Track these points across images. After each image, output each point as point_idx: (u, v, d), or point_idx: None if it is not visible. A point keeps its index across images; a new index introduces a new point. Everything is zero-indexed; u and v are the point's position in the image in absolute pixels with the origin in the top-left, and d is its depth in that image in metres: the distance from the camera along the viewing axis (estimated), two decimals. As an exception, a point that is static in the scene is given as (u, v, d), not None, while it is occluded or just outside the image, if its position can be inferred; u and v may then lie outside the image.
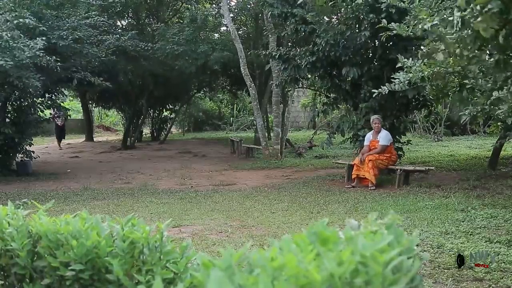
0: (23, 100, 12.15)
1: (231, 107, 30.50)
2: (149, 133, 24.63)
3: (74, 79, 12.08)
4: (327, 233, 1.04)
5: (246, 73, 14.46)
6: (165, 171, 12.53)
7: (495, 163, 9.83)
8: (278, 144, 14.20)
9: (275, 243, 1.06)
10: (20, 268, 1.81)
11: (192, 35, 15.72)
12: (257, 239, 5.04)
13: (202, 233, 5.48)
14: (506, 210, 6.06)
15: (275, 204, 7.36)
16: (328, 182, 9.57)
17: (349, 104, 10.28)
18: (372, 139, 8.92)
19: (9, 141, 11.62)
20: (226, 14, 15.57)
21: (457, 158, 11.98)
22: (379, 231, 1.08)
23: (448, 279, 3.71)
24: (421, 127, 19.09)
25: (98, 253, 1.65)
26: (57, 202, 7.43)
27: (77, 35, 11.51)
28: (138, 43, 15.28)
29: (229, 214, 6.63)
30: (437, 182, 8.59)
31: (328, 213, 6.50)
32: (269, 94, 15.77)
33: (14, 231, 1.83)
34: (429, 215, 5.97)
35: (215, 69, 16.90)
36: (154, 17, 20.28)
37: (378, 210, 6.49)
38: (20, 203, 2.16)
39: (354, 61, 9.22)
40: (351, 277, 0.93)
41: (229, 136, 21.16)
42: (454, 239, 4.80)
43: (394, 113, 9.58)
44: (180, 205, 7.58)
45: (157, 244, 1.68)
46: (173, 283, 1.62)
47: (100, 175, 11.91)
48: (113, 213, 6.47)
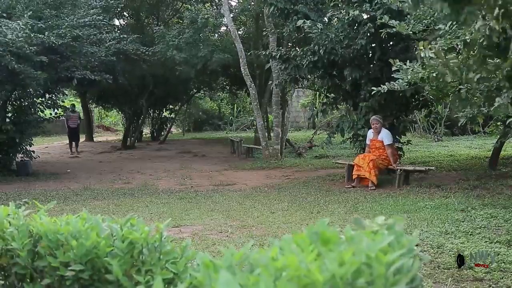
0: (23, 100, 12.15)
1: (231, 107, 30.48)
2: (149, 133, 24.63)
3: (74, 79, 12.08)
4: (328, 233, 1.04)
5: (246, 73, 14.46)
6: (165, 171, 12.52)
7: (495, 163, 9.82)
8: (278, 144, 14.20)
9: (275, 243, 1.06)
10: (21, 268, 1.81)
11: (192, 37, 15.69)
12: (257, 239, 5.03)
13: (202, 233, 5.47)
14: (506, 210, 6.06)
15: (275, 204, 7.36)
16: (328, 182, 9.57)
17: (349, 104, 10.29)
18: (373, 138, 8.93)
19: (9, 141, 11.62)
20: (226, 14, 15.57)
21: (457, 158, 11.97)
22: (380, 232, 1.08)
23: (448, 279, 3.71)
24: (421, 127, 19.09)
25: (98, 253, 1.65)
26: (57, 202, 7.41)
27: (75, 33, 11.50)
28: (139, 47, 15.28)
29: (229, 214, 6.63)
30: (437, 182, 8.59)
31: (328, 213, 6.50)
32: (269, 94, 15.76)
33: (15, 231, 1.83)
34: (429, 215, 5.97)
35: (215, 69, 16.90)
36: (154, 17, 20.27)
37: (378, 210, 6.51)
38: (21, 203, 2.16)
39: (353, 64, 9.22)
40: (353, 277, 0.93)
41: (229, 136, 21.15)
42: (454, 239, 4.80)
43: (394, 113, 9.59)
44: (180, 205, 7.58)
45: (156, 244, 1.68)
46: (173, 283, 1.61)
47: (100, 175, 11.91)
48: (113, 213, 6.47)
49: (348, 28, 8.87)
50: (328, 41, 8.92)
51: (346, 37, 8.85)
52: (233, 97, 26.90)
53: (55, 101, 12.89)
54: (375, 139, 8.88)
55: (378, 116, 8.87)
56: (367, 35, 8.65)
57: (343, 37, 8.84)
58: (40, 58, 10.37)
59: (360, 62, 9.29)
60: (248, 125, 27.53)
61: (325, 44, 8.94)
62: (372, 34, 8.58)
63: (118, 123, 29.74)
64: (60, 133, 27.04)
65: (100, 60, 13.11)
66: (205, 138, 24.35)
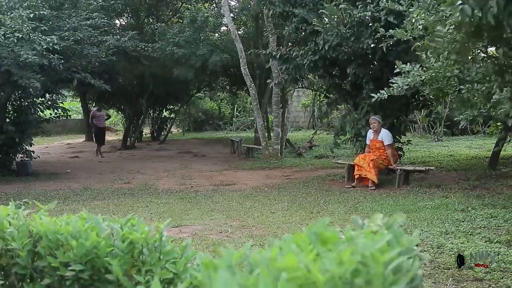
0: (23, 100, 12.15)
1: (231, 107, 30.48)
2: (149, 133, 24.63)
3: (75, 79, 12.09)
4: (328, 233, 1.04)
5: (246, 73, 14.46)
6: (165, 171, 12.52)
7: (495, 163, 9.83)
8: (278, 144, 14.20)
9: (275, 243, 1.06)
10: (21, 268, 1.81)
11: (192, 36, 15.70)
12: (257, 239, 5.04)
13: (202, 233, 5.48)
14: (506, 210, 6.06)
15: (275, 204, 7.36)
16: (328, 182, 9.57)
17: (350, 104, 10.29)
18: (373, 138, 8.93)
19: (9, 141, 11.62)
20: (226, 14, 15.57)
21: (457, 158, 11.97)
22: (380, 231, 1.08)
23: (448, 279, 3.71)
24: (421, 127, 19.08)
25: (98, 253, 1.65)
26: (57, 202, 7.42)
27: (78, 36, 11.53)
28: (138, 43, 15.28)
29: (229, 214, 6.63)
30: (437, 182, 8.59)
31: (328, 213, 6.50)
32: (269, 94, 15.76)
33: (15, 231, 1.83)
34: (429, 215, 5.97)
35: (215, 69, 16.90)
36: (154, 16, 20.27)
37: (378, 210, 6.51)
38: (21, 203, 2.16)
39: (355, 64, 9.22)
40: (352, 277, 0.93)
41: (229, 136, 21.15)
42: (454, 239, 4.80)
43: (394, 112, 9.59)
44: (180, 205, 7.58)
45: (156, 244, 1.68)
46: (173, 283, 1.62)
47: (100, 175, 11.91)
48: (113, 213, 6.47)
49: (356, 26, 8.84)
50: (335, 36, 8.86)
51: (353, 34, 8.83)
52: (233, 97, 26.87)
53: (55, 101, 12.89)
54: (375, 139, 8.89)
55: (378, 116, 8.87)
56: (373, 35, 8.61)
57: (350, 34, 8.82)
58: (41, 61, 10.33)
59: (363, 61, 9.29)
60: (248, 125, 27.51)
61: (331, 39, 8.89)
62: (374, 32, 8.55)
63: (118, 123, 29.72)
64: (60, 133, 27.06)
65: (101, 61, 13.12)
66: (205, 138, 24.35)
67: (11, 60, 9.96)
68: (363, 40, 8.71)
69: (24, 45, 9.96)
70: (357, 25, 8.75)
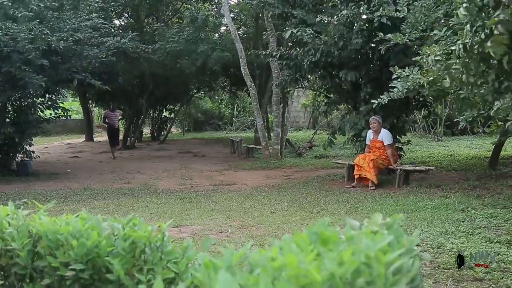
0: (23, 100, 12.15)
1: (231, 107, 30.48)
2: (149, 133, 24.63)
3: (75, 80, 12.11)
4: (328, 233, 1.04)
5: (246, 73, 14.46)
6: (165, 171, 12.52)
7: (495, 163, 9.82)
8: (278, 144, 14.20)
9: (275, 243, 1.06)
10: (20, 268, 1.81)
11: (192, 35, 15.71)
12: (257, 239, 5.03)
13: (202, 233, 5.47)
14: (506, 210, 6.06)
15: (275, 204, 7.36)
16: (328, 182, 9.57)
17: (350, 104, 10.28)
18: (373, 138, 8.93)
19: (9, 141, 11.62)
20: (226, 14, 15.57)
21: (457, 158, 11.97)
22: (380, 231, 1.08)
23: (448, 279, 3.71)
24: (421, 127, 19.08)
25: (99, 252, 1.65)
26: (57, 202, 7.43)
27: (77, 37, 11.54)
28: (138, 45, 15.29)
29: (229, 214, 6.63)
30: (437, 182, 8.59)
31: (328, 213, 6.50)
32: (269, 94, 15.76)
33: (15, 231, 1.83)
34: (429, 215, 5.97)
35: (215, 69, 16.90)
36: (154, 17, 20.27)
37: (378, 210, 6.51)
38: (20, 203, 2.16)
39: (351, 65, 9.21)
40: (352, 277, 0.93)
41: (229, 136, 21.15)
42: (454, 239, 4.80)
43: (394, 113, 9.58)
44: (180, 205, 7.58)
45: (158, 244, 1.68)
46: (174, 282, 1.62)
47: (100, 175, 11.91)
48: (113, 213, 6.47)
49: (343, 28, 8.83)
50: (322, 44, 8.89)
51: (340, 38, 8.81)
52: (233, 97, 26.88)
53: (55, 101, 12.89)
54: (375, 139, 8.89)
55: (377, 116, 8.87)
56: (361, 34, 8.60)
57: (337, 39, 8.81)
58: (41, 61, 10.39)
59: (358, 62, 9.28)
60: (248, 125, 27.52)
61: (319, 47, 8.93)
62: (368, 32, 8.53)
63: (118, 123, 29.71)
64: (60, 133, 27.07)
65: (101, 62, 13.12)
66: (205, 138, 24.35)
67: (16, 58, 10.08)
68: (352, 41, 8.69)
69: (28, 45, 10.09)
70: (344, 27, 8.71)
